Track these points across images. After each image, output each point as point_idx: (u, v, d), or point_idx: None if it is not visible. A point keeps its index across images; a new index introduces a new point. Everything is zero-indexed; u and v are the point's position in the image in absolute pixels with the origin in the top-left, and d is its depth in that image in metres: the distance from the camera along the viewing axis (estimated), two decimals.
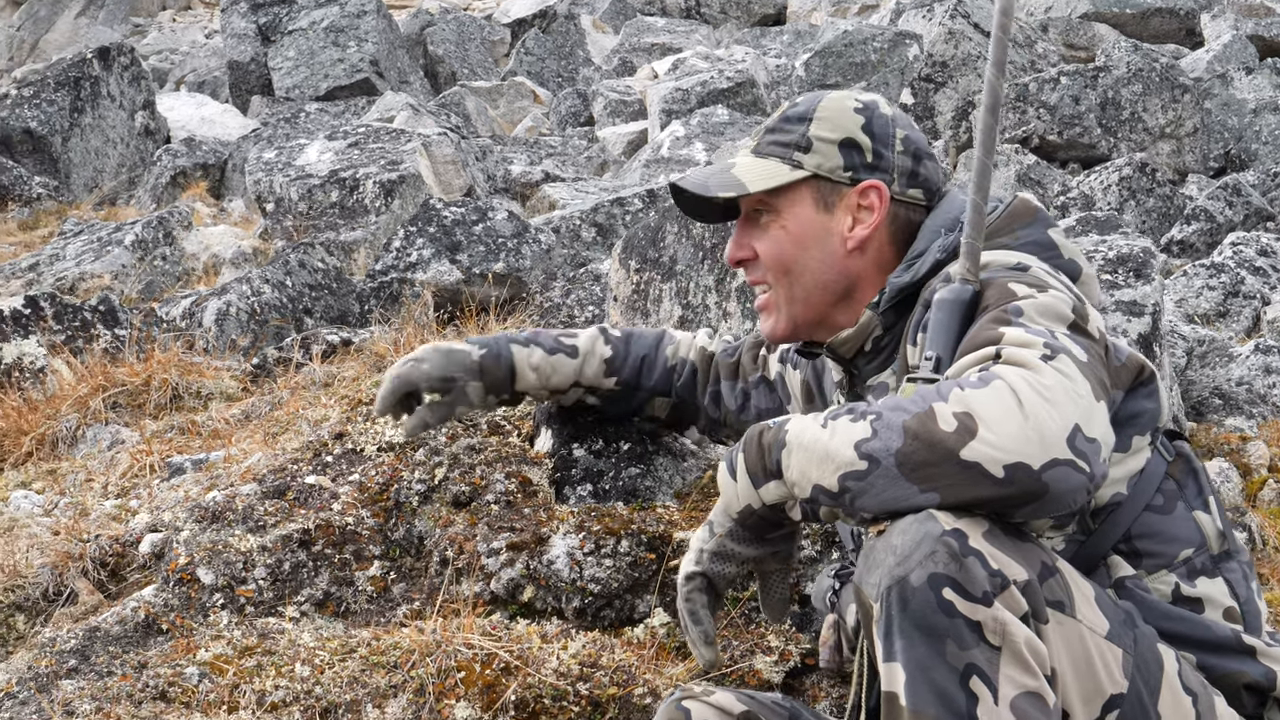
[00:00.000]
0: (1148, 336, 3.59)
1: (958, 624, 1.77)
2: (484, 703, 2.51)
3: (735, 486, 2.02)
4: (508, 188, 13.61)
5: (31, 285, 10.78)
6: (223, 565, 2.85)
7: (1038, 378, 1.83)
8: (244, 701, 2.53)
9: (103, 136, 17.94)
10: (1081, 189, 9.99)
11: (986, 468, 1.78)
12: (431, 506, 2.97)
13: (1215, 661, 2.10)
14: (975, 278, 2.07)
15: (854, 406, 1.92)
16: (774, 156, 2.34)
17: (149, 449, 3.69)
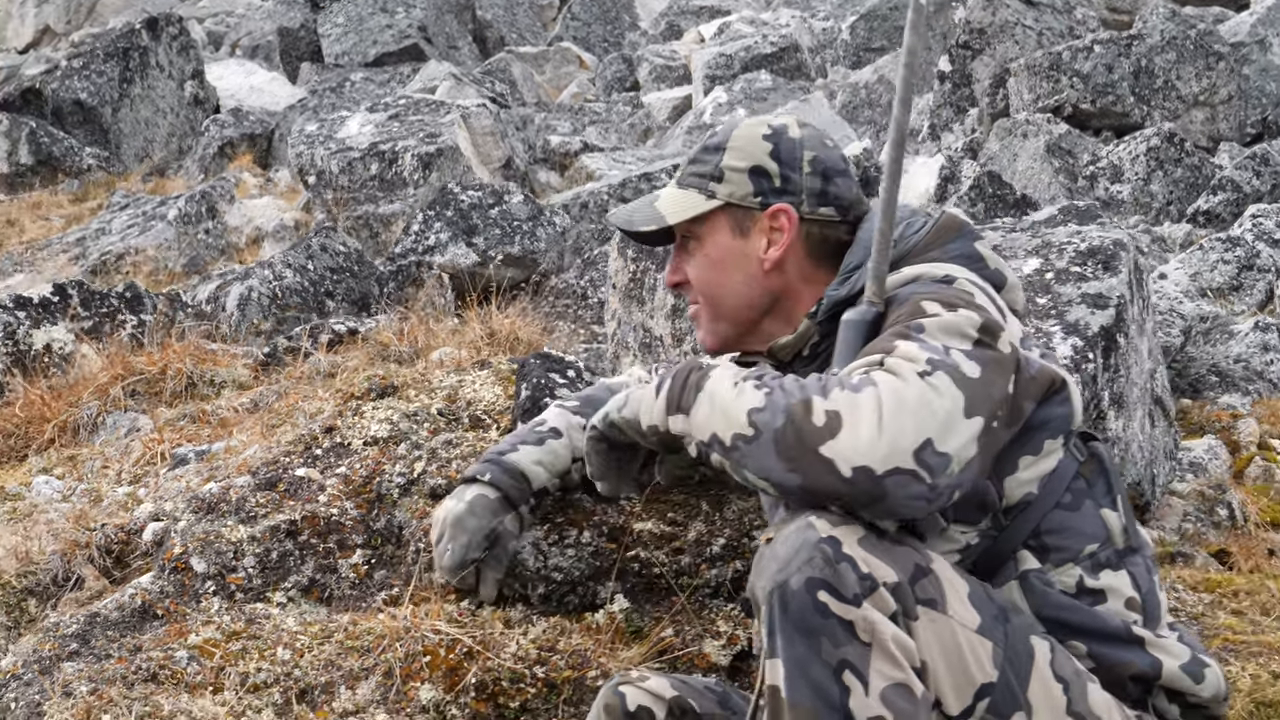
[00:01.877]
0: (1110, 329, 3.70)
1: (831, 624, 1.94)
2: (446, 685, 2.70)
3: (653, 404, 2.24)
4: (547, 158, 13.75)
5: (78, 260, 11.08)
6: (214, 555, 3.06)
7: (904, 388, 2.00)
8: (228, 683, 2.73)
9: (152, 106, 18.18)
10: (1110, 159, 10.03)
11: (838, 465, 1.98)
12: (410, 499, 3.16)
13: (1105, 651, 2.25)
14: (879, 300, 2.24)
15: (763, 374, 2.14)
16: (692, 188, 2.50)
17: (160, 438, 3.91)
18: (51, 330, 5.22)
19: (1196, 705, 2.33)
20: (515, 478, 2.89)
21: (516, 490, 2.89)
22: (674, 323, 4.40)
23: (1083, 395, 3.54)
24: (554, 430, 2.97)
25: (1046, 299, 3.82)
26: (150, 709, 2.64)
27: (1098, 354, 3.66)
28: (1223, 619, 3.23)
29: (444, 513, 2.88)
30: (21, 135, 16.17)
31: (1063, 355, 3.62)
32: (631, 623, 2.91)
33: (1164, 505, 4.67)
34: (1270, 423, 5.39)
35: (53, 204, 14.74)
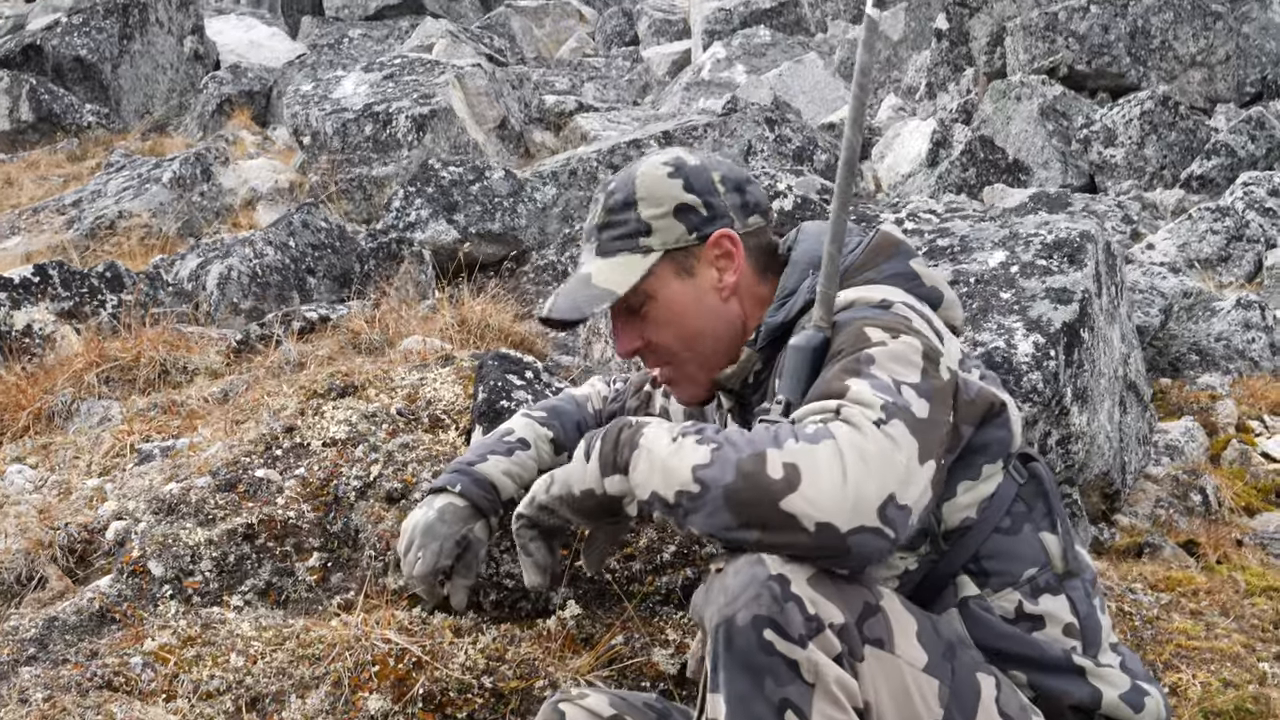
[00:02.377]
0: (1073, 325, 3.70)
1: (775, 662, 1.93)
2: (395, 695, 2.73)
3: (585, 468, 2.21)
4: (542, 117, 13.68)
5: (73, 224, 11.08)
6: (171, 558, 3.09)
7: (864, 442, 1.97)
8: (181, 690, 2.76)
9: (152, 63, 18.13)
10: (1104, 123, 9.98)
11: (800, 520, 1.93)
12: (366, 502, 3.18)
13: (1045, 680, 2.26)
14: (827, 325, 2.22)
15: (703, 428, 2.09)
16: (621, 252, 2.43)
17: (130, 429, 3.92)
18: (31, 311, 5.23)
19: None
20: (484, 488, 2.89)
21: (486, 501, 2.89)
22: None
23: (1045, 392, 3.57)
24: (522, 441, 2.96)
25: (1010, 294, 3.82)
26: (103, 717, 2.67)
27: (1059, 350, 3.66)
28: (1177, 622, 3.25)
29: (413, 521, 2.87)
30: (22, 92, 16.14)
31: (1024, 353, 3.62)
32: (582, 629, 2.94)
33: (1137, 491, 4.70)
34: (1249, 404, 5.40)
35: (51, 163, 14.71)
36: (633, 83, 18.96)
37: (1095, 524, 4.26)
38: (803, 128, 9.60)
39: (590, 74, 19.46)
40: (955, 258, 4.06)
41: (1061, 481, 3.91)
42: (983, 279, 3.92)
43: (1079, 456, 3.84)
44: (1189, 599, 3.46)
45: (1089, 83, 11.26)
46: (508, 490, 2.91)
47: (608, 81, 18.92)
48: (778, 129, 9.28)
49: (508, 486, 2.91)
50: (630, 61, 20.64)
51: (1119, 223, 7.78)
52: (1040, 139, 10.22)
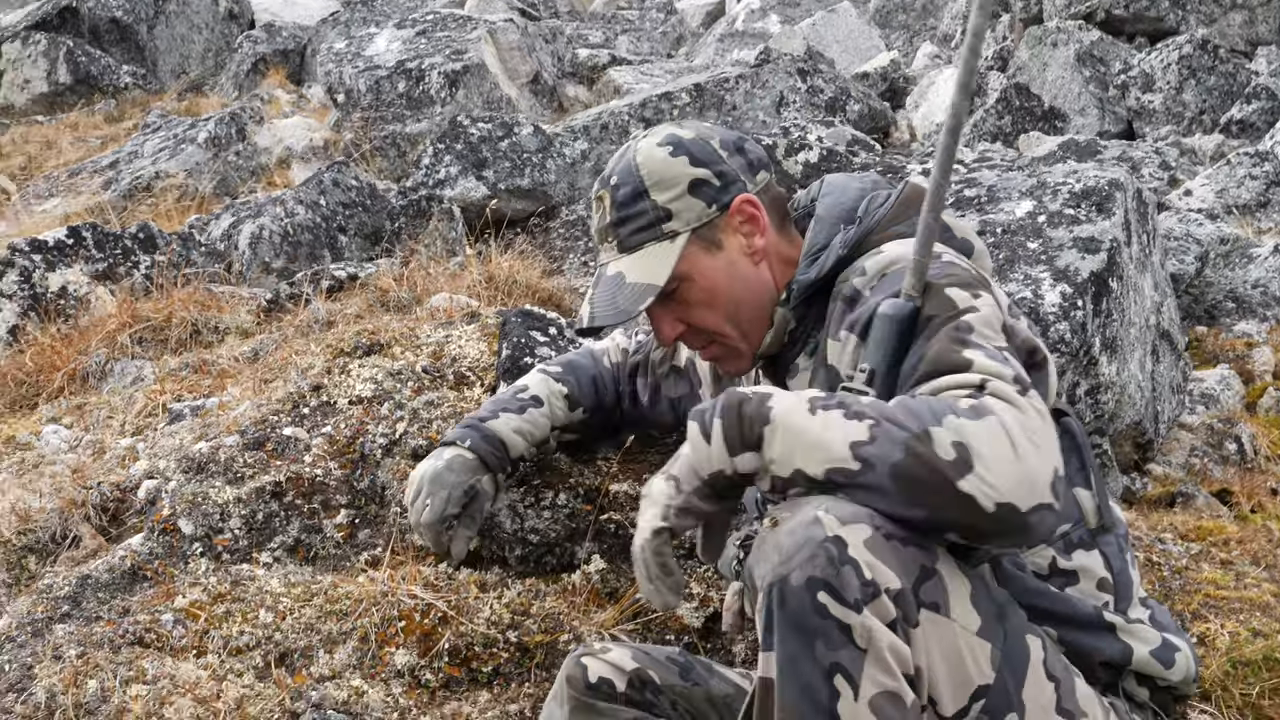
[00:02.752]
0: (1101, 274, 3.67)
1: (829, 625, 1.89)
2: (421, 649, 2.76)
3: (709, 450, 2.07)
4: (575, 71, 13.63)
5: (110, 185, 11.15)
6: (201, 516, 3.12)
7: (1025, 419, 1.93)
8: (211, 646, 2.80)
9: (187, 23, 18.17)
10: (1141, 68, 9.86)
11: (980, 502, 1.88)
12: (392, 459, 3.21)
13: (1076, 637, 2.27)
14: (918, 294, 2.14)
15: (842, 400, 2.01)
16: (646, 243, 2.38)
17: (162, 389, 3.96)
18: (66, 273, 5.27)
19: (1166, 687, 2.37)
20: (494, 444, 2.90)
21: (494, 457, 2.89)
22: None
23: (1072, 343, 3.55)
24: (535, 399, 2.96)
25: (1038, 243, 3.79)
26: (135, 673, 2.71)
27: (1087, 300, 3.63)
28: (1206, 572, 3.23)
29: (421, 471, 2.89)
30: (59, 55, 16.22)
31: (1050, 303, 3.60)
32: (607, 584, 2.95)
33: (1172, 440, 4.67)
34: None
35: (89, 125, 14.79)
36: (666, 35, 18.87)
37: (1127, 474, 4.24)
38: (835, 78, 9.54)
39: (624, 27, 19.37)
40: (982, 208, 4.03)
41: (1092, 432, 3.89)
42: (1010, 229, 3.89)
43: (1109, 407, 3.82)
44: (1219, 548, 3.44)
45: (1127, 27, 11.11)
46: (517, 448, 2.92)
47: (641, 34, 18.82)
48: (810, 79, 9.21)
49: (518, 444, 2.92)
50: (664, 14, 20.53)
51: (1156, 169, 7.70)
52: (1077, 85, 10.11)
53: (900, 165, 4.44)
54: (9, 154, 13.53)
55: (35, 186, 11.48)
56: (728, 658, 2.85)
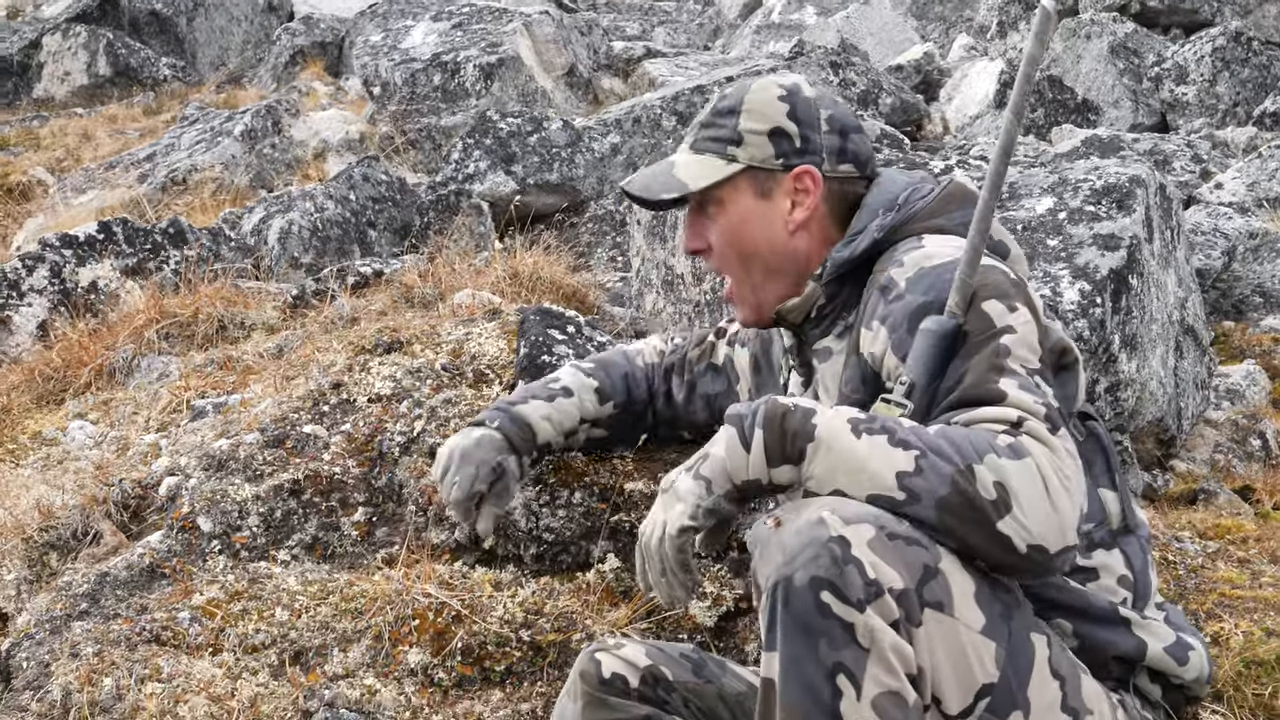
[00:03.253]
0: (1121, 271, 3.66)
1: (832, 625, 1.92)
2: (434, 648, 2.78)
3: (747, 458, 2.12)
4: (610, 64, 13.63)
5: (145, 179, 11.23)
6: (220, 514, 3.16)
7: (1058, 462, 2.00)
8: (227, 644, 2.83)
9: (227, 15, 18.27)
10: (1175, 60, 9.78)
11: (1014, 542, 1.97)
12: (410, 457, 3.23)
13: (1090, 630, 2.28)
14: (962, 313, 2.17)
15: (885, 424, 2.06)
16: (710, 153, 2.46)
17: (186, 385, 4.00)
18: (96, 268, 5.33)
19: (1179, 686, 2.37)
20: (521, 427, 2.90)
21: (521, 439, 2.89)
22: (695, 261, 4.40)
23: (1091, 340, 3.54)
24: (565, 389, 2.97)
25: (1057, 240, 3.78)
26: (150, 671, 2.74)
27: (1106, 298, 3.62)
28: (1222, 571, 3.22)
29: (450, 446, 2.87)
30: (99, 47, 16.34)
31: (1069, 300, 3.59)
32: (621, 582, 2.96)
33: (1196, 436, 4.65)
34: None
35: (128, 117, 14.90)
36: (703, 26, 18.83)
37: (1150, 470, 4.22)
38: (867, 71, 9.51)
39: (661, 18, 19.35)
40: (1003, 205, 4.02)
41: (1112, 429, 3.88)
42: (1030, 226, 3.88)
43: (1129, 404, 3.80)
44: (1237, 547, 3.42)
45: (1161, 19, 11.02)
46: (544, 433, 2.92)
47: (678, 26, 18.80)
48: (842, 73, 9.19)
49: (545, 429, 2.92)
50: (701, 5, 20.48)
51: (1188, 162, 7.65)
52: (1110, 77, 10.05)
53: (923, 162, 4.42)
54: (48, 146, 13.65)
55: (73, 179, 11.59)
56: (741, 656, 2.86)
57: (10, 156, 13.33)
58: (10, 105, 15.96)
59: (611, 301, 4.98)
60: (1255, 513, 4.00)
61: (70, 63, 16.42)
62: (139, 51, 16.56)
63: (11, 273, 5.15)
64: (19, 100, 16.10)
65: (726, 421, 2.17)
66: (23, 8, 20.49)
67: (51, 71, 16.44)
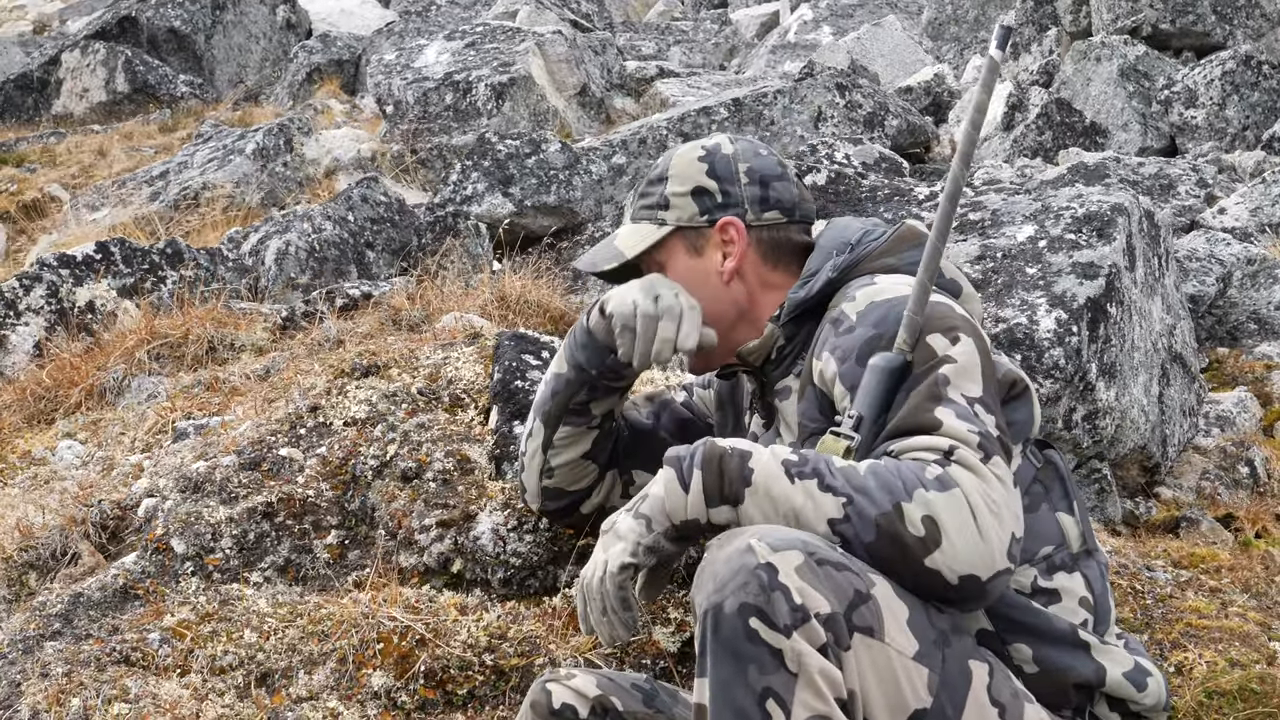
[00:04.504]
0: (1099, 300, 3.67)
1: (760, 650, 1.98)
2: (397, 672, 2.81)
3: (686, 499, 2.20)
4: (623, 83, 13.69)
5: (157, 196, 11.32)
6: (193, 536, 3.19)
7: (987, 489, 2.08)
8: (195, 665, 2.86)
9: (245, 32, 18.39)
10: (1185, 83, 9.78)
11: (945, 576, 2.06)
12: (383, 481, 3.26)
13: (1050, 654, 2.32)
14: (909, 349, 2.26)
15: (816, 467, 2.14)
16: (643, 220, 2.63)
17: (173, 406, 4.04)
18: (94, 288, 5.38)
19: (1137, 714, 2.40)
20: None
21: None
22: None
23: (1067, 369, 3.56)
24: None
25: (1036, 269, 3.80)
26: (118, 691, 2.77)
27: (1083, 326, 3.63)
28: (1191, 600, 3.22)
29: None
30: (118, 64, 16.46)
31: (1045, 329, 3.61)
32: None
33: (1184, 463, 4.65)
34: None
35: (144, 134, 15.00)
36: (719, 46, 18.89)
37: (1134, 498, 4.22)
38: (874, 93, 9.53)
39: (677, 37, 19.40)
40: (985, 232, 4.04)
41: (1091, 457, 3.89)
42: (1010, 254, 3.90)
43: (1107, 431, 3.81)
44: (1210, 576, 3.42)
45: (1173, 42, 11.01)
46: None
47: (694, 45, 18.86)
48: (848, 94, 9.22)
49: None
50: (718, 24, 20.54)
51: (1193, 186, 7.64)
52: (1120, 100, 10.05)
53: (909, 188, 4.45)
54: (64, 162, 13.76)
55: (86, 196, 11.67)
56: None
57: (26, 173, 13.45)
58: (30, 121, 16.09)
59: None
60: (1237, 540, 4.00)
61: (89, 79, 16.56)
62: (157, 69, 16.68)
63: (9, 292, 5.20)
64: (38, 116, 16.23)
65: (665, 462, 2.25)
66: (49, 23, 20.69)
67: (70, 88, 16.58)
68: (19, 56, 17.52)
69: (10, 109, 16.29)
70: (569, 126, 11.81)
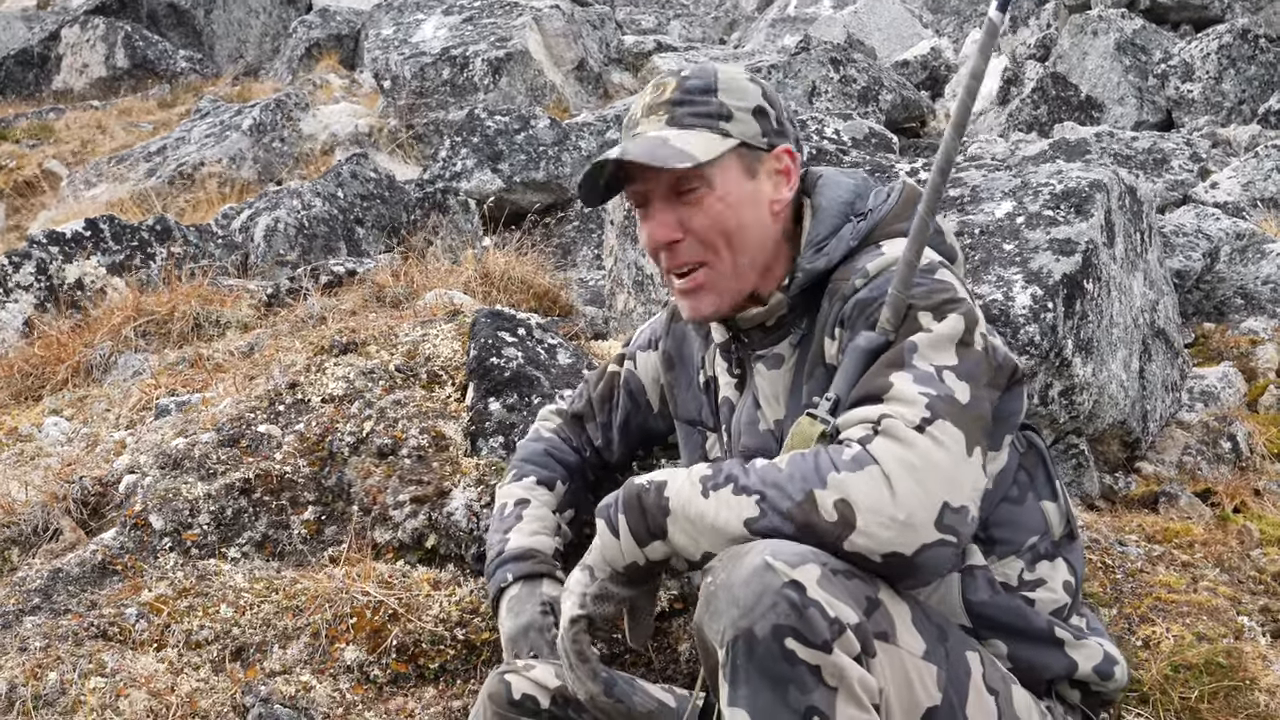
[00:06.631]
0: (1075, 276, 3.68)
1: (799, 670, 1.91)
2: (370, 646, 2.84)
3: (619, 544, 2.14)
4: (620, 58, 13.68)
5: (154, 172, 11.32)
6: (171, 512, 3.21)
7: (909, 455, 1.99)
8: (171, 640, 2.89)
9: (245, 7, 18.34)
10: (1181, 57, 9.76)
11: (866, 556, 1.97)
12: (359, 458, 3.28)
13: (1025, 652, 2.32)
14: (893, 330, 2.16)
15: (731, 474, 2.07)
16: (700, 128, 2.31)
17: (157, 383, 4.06)
18: (83, 265, 5.39)
19: (1098, 692, 2.42)
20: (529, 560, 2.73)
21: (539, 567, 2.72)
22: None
23: (1042, 345, 3.57)
24: (519, 502, 2.83)
25: (1014, 245, 3.80)
26: (94, 666, 2.80)
27: (1059, 303, 3.64)
28: (1162, 575, 3.25)
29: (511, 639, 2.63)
30: (118, 39, 16.45)
31: (1021, 305, 3.61)
32: None
33: (1167, 438, 4.66)
34: None
35: (142, 110, 15.00)
36: (719, 20, 18.85)
37: (1114, 473, 4.24)
38: (869, 67, 9.51)
39: (677, 11, 19.37)
40: (964, 208, 4.04)
41: (1069, 432, 3.90)
42: (988, 230, 3.90)
43: (1084, 407, 3.82)
44: (1182, 550, 3.44)
45: (1171, 15, 10.99)
46: (547, 546, 2.76)
47: (694, 19, 18.82)
48: (843, 69, 9.20)
49: (544, 542, 2.77)
50: None
51: (1186, 160, 7.64)
52: (1116, 74, 10.02)
53: (889, 165, 4.45)
54: (64, 138, 13.77)
55: (84, 173, 11.68)
56: (674, 656, 2.90)
57: (25, 149, 13.46)
58: (30, 97, 16.10)
59: (589, 301, 5.02)
60: (1216, 515, 4.02)
61: (89, 55, 16.55)
62: (156, 44, 16.67)
63: None
64: (40, 92, 16.25)
65: (596, 514, 2.20)
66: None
67: (70, 64, 16.57)
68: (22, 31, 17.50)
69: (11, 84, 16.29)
70: (566, 101, 11.79)
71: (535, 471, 2.88)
